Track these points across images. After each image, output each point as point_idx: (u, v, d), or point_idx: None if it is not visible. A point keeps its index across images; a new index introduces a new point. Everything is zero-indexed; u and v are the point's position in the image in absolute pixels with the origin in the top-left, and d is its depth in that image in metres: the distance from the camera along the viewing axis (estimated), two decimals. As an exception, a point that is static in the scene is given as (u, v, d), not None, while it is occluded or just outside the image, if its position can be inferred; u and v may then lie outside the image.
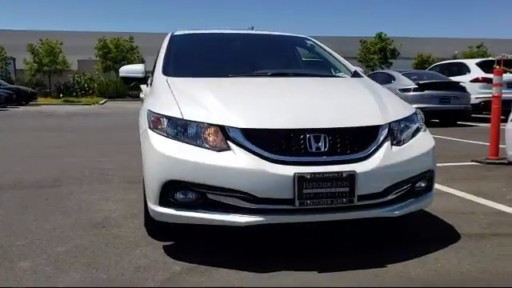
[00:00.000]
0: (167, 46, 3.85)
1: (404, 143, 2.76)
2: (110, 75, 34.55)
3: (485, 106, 12.46)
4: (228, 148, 2.52)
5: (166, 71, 3.43)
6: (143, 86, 3.85)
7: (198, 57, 3.92)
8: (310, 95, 3.10)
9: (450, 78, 12.77)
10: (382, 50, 36.12)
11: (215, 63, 3.80)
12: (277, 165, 2.46)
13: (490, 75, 12.56)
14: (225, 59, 3.90)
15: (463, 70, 13.29)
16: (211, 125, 2.59)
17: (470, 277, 2.44)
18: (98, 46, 35.24)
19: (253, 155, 2.48)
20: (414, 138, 2.84)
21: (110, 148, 7.58)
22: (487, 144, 6.09)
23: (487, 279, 2.42)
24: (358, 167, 2.51)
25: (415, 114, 3.00)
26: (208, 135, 2.59)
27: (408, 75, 12.38)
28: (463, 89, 11.80)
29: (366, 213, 2.60)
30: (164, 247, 2.87)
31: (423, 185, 2.85)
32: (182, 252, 2.76)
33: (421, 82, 11.51)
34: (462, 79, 12.59)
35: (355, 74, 3.77)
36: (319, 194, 2.45)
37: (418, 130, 2.91)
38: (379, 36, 36.72)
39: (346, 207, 2.52)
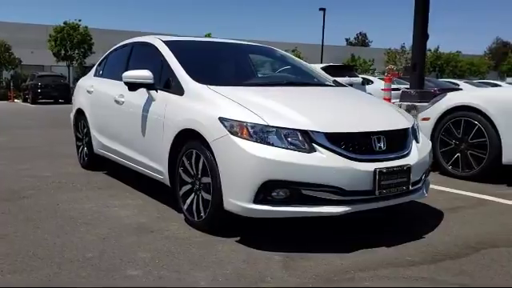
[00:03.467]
0: (173, 53, 3.96)
1: (418, 142, 3.53)
2: None
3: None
4: (314, 150, 2.96)
5: (198, 79, 3.60)
6: (152, 92, 3.89)
7: (210, 65, 4.14)
8: (349, 103, 3.68)
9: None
10: None
11: (230, 71, 4.09)
12: (359, 162, 2.99)
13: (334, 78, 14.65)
14: (235, 68, 4.21)
15: (310, 72, 15.06)
16: (296, 130, 2.99)
17: (486, 239, 3.32)
18: None
19: (337, 155, 2.97)
20: (420, 138, 3.63)
21: (10, 153, 6.86)
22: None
23: (488, 239, 3.31)
24: (410, 161, 3.20)
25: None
26: (293, 139, 2.98)
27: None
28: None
29: (413, 196, 3.32)
30: (240, 242, 3.13)
31: (427, 174, 3.67)
32: (265, 243, 3.07)
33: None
34: (311, 81, 14.31)
35: (337, 83, 4.43)
36: (390, 184, 3.07)
37: (418, 132, 3.71)
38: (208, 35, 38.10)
39: (405, 193, 3.20)
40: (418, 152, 3.35)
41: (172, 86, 3.76)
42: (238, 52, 4.66)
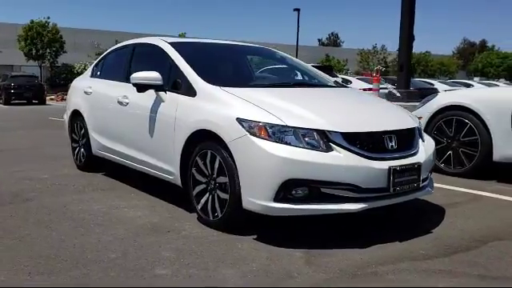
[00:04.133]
0: (181, 55, 4.00)
1: (424, 141, 3.67)
2: None
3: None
4: (331, 149, 3.06)
5: (209, 81, 3.65)
6: (161, 93, 3.90)
7: (218, 66, 4.20)
8: (356, 103, 3.79)
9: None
10: None
11: (237, 73, 4.15)
12: (374, 161, 3.10)
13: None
14: (240, 69, 4.27)
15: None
16: (314, 130, 3.08)
17: (490, 232, 3.48)
18: None
19: (353, 154, 3.07)
20: (425, 137, 3.77)
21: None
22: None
23: (491, 232, 3.48)
24: (420, 159, 3.33)
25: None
26: (310, 139, 3.07)
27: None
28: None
29: (421, 193, 3.45)
30: (258, 240, 3.21)
31: (431, 171, 3.81)
32: (283, 241, 3.15)
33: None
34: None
35: (339, 84, 4.55)
36: (402, 182, 3.19)
37: (422, 131, 3.85)
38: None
39: (415, 189, 3.33)
40: (425, 150, 3.49)
41: (182, 87, 3.79)
42: (240, 53, 4.73)
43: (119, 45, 5.27)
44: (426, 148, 3.53)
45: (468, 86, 21.93)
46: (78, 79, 5.99)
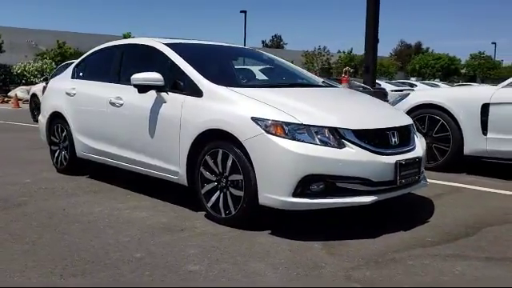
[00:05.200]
0: (181, 56, 4.04)
1: (417, 137, 3.93)
2: None
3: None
4: (344, 145, 3.23)
5: (213, 81, 3.72)
6: (163, 94, 3.92)
7: (217, 66, 4.26)
8: (356, 102, 3.99)
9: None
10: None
11: (235, 73, 4.23)
12: (383, 156, 3.30)
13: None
14: (236, 70, 4.36)
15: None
16: (327, 127, 3.24)
17: (479, 219, 3.79)
18: None
19: (364, 150, 3.26)
20: (417, 134, 4.03)
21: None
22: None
23: (480, 219, 3.79)
24: (418, 153, 3.58)
25: (409, 117, 4.22)
26: (323, 136, 3.23)
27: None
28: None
29: (420, 185, 3.71)
30: (273, 234, 3.32)
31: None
32: (298, 234, 3.29)
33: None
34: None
35: (327, 84, 4.74)
36: (406, 175, 3.42)
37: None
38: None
39: (415, 181, 3.58)
40: (421, 146, 3.75)
41: (185, 87, 3.83)
42: (233, 55, 4.82)
43: (102, 46, 5.20)
44: (421, 144, 3.79)
45: (412, 85, 23.06)
46: (54, 80, 5.83)
